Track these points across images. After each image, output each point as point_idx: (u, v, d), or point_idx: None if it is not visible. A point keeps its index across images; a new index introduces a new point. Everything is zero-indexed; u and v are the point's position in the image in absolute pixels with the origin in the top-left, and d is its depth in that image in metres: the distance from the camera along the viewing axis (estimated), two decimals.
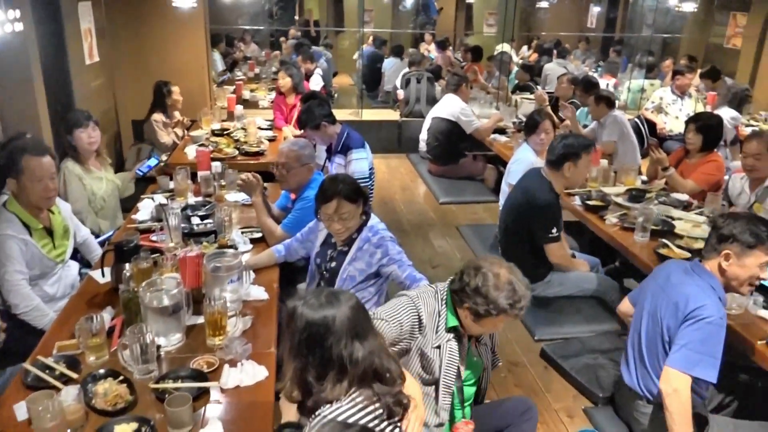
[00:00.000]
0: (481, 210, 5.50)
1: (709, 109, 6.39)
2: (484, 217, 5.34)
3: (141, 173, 3.93)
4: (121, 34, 5.68)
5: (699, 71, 7.48)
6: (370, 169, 4.02)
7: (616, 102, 5.76)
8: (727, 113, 5.67)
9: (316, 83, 7.44)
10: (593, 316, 3.45)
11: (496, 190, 5.17)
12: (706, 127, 4.10)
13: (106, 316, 2.29)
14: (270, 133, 5.26)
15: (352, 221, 2.61)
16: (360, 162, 3.89)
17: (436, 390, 2.08)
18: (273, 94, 6.42)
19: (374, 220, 2.71)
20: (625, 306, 2.67)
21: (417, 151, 6.73)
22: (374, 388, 1.53)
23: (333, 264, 2.73)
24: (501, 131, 6.04)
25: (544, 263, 3.44)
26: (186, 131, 5.20)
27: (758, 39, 7.76)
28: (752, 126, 6.39)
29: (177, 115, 5.16)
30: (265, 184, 3.30)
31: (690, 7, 5.72)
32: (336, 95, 8.58)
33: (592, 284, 3.48)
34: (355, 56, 9.50)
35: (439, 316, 2.07)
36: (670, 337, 2.24)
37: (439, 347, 2.06)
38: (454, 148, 6.03)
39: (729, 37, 9.59)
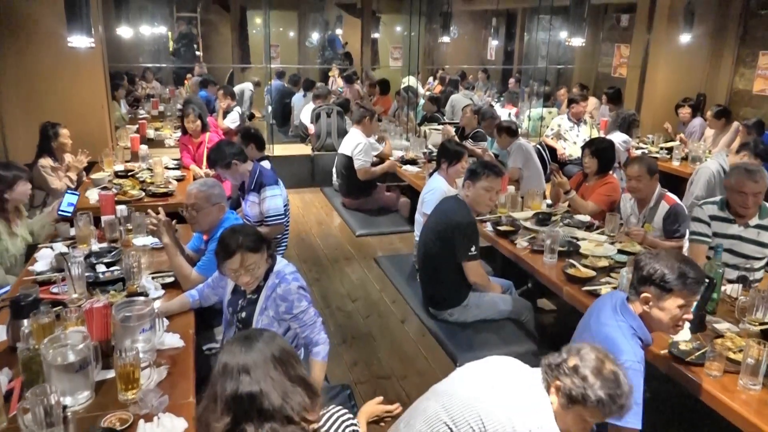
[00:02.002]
0: (398, 240, 5.59)
1: (602, 134, 6.87)
2: (401, 247, 5.43)
3: (67, 213, 3.70)
4: (10, 74, 5.38)
5: (605, 92, 8.11)
6: (285, 206, 4.01)
7: (519, 130, 6.09)
8: (618, 137, 6.12)
9: (232, 121, 7.35)
10: (511, 337, 3.57)
11: (411, 220, 5.29)
12: (600, 151, 4.41)
13: (3, 378, 2.12)
14: (178, 173, 5.15)
15: (260, 270, 2.55)
16: (274, 199, 3.87)
17: None
18: (179, 133, 6.29)
19: (281, 263, 2.64)
20: None
21: (331, 184, 6.78)
22: (261, 426, 1.55)
23: (244, 314, 2.65)
24: (412, 162, 6.20)
25: (463, 286, 3.55)
26: (85, 174, 4.97)
27: (640, 68, 8.48)
28: (642, 148, 6.94)
29: (67, 158, 4.90)
30: (176, 226, 3.21)
31: (578, 42, 6.20)
32: None
33: (508, 306, 3.62)
34: (265, 94, 9.49)
35: None
36: None
37: None
38: (361, 183, 6.10)
39: (615, 66, 10.43)
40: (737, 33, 8.18)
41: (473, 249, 3.43)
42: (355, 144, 5.93)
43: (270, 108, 8.49)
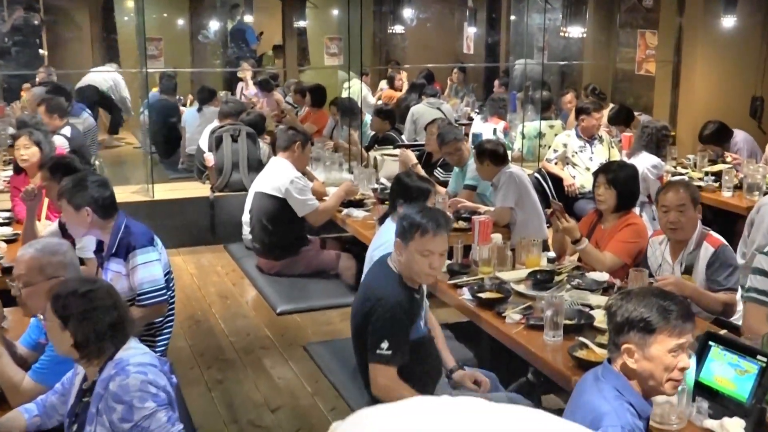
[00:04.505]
0: (338, 318, 5.60)
1: (624, 155, 7.10)
2: (342, 328, 5.42)
3: None
4: None
5: (607, 112, 8.33)
6: (166, 275, 4.00)
7: (509, 153, 6.24)
8: (646, 160, 6.34)
9: (60, 144, 7.29)
10: None
11: (357, 287, 5.30)
12: (619, 180, 4.57)
13: None
14: (8, 231, 5.12)
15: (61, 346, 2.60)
16: (150, 267, 3.86)
17: None
18: (10, 170, 6.23)
19: (130, 350, 2.63)
20: None
21: (240, 239, 6.76)
22: None
23: (75, 427, 2.64)
24: (358, 203, 6.27)
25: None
26: None
27: (673, 63, 8.87)
28: (680, 174, 7.18)
29: None
30: (6, 310, 3.19)
31: (577, 32, 6.44)
32: (99, 163, 8.41)
33: None
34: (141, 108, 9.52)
35: None
36: None
37: None
38: (290, 234, 6.13)
39: (640, 61, 10.86)
40: None
41: (384, 346, 3.36)
42: (289, 178, 5.96)
43: (145, 130, 8.47)
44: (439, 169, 6.98)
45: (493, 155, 5.73)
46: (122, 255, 3.88)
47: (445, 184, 6.64)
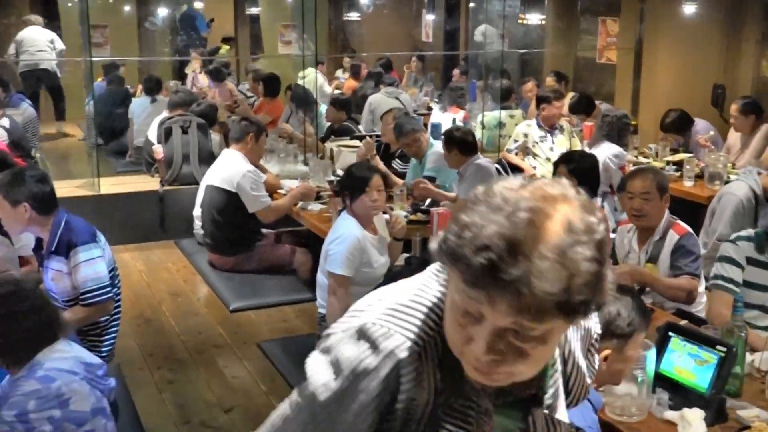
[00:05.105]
0: (293, 314, 5.62)
1: (586, 145, 7.19)
2: (298, 324, 5.45)
3: None
4: None
5: (568, 99, 8.40)
6: (111, 271, 3.98)
7: (477, 144, 6.28)
8: (607, 150, 6.42)
9: None
10: None
11: (313, 284, 5.32)
12: (581, 171, 4.63)
13: None
14: None
15: None
16: (93, 264, 3.83)
17: None
18: None
19: (55, 353, 2.59)
20: None
21: (192, 235, 6.72)
22: None
23: None
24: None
25: None
26: None
27: (634, 51, 8.99)
28: (641, 164, 7.28)
29: None
30: None
31: (536, 19, 6.52)
32: (39, 156, 8.30)
33: None
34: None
35: None
36: None
37: None
38: (243, 229, 6.12)
39: (601, 49, 11.01)
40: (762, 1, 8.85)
41: None
42: (241, 172, 5.93)
43: (90, 121, 8.36)
44: (397, 160, 6.99)
45: (462, 144, 5.75)
46: (63, 253, 3.83)
47: (403, 175, 6.65)
